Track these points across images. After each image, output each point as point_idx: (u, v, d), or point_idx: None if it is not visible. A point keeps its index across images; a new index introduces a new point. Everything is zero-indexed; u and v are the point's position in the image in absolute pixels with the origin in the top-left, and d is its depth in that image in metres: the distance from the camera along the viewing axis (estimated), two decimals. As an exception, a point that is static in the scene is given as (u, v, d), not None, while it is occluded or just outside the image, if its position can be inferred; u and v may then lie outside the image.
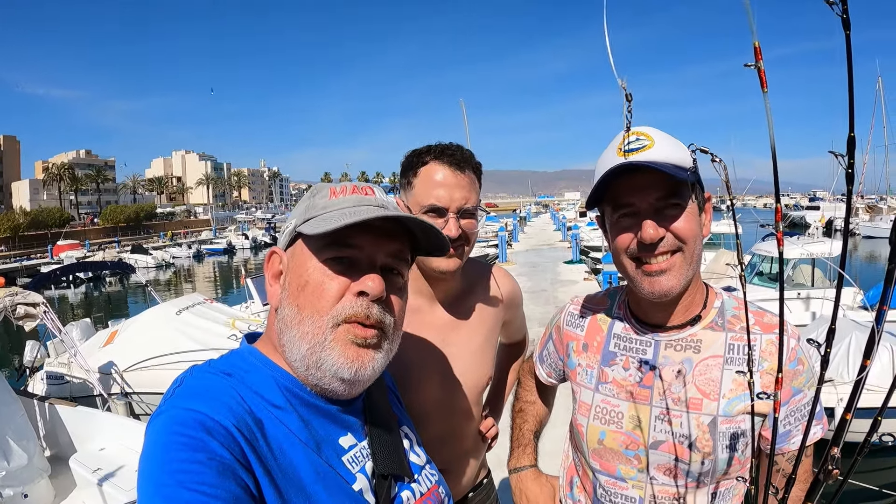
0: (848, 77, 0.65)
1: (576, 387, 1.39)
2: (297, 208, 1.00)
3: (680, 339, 1.25)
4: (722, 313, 1.26)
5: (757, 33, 0.71)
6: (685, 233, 1.14)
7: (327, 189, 0.98)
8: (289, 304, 0.92)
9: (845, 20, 0.64)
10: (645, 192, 1.14)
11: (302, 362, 0.91)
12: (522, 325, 2.13)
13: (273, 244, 1.28)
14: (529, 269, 19.44)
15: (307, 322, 0.90)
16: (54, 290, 31.64)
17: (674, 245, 1.14)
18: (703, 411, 1.20)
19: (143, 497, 0.74)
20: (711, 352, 1.22)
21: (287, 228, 0.98)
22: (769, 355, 1.19)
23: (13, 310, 6.02)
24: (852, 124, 0.67)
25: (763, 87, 0.73)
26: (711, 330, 1.25)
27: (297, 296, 0.91)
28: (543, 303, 13.15)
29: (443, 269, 1.54)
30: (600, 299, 1.46)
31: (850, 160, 0.68)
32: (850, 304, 10.30)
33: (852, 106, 0.66)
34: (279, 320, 0.94)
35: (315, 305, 0.90)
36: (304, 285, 0.91)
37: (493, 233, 27.75)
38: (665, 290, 1.16)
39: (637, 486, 1.27)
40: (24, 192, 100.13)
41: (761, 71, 0.73)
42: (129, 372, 8.12)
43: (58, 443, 5.62)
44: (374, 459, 0.97)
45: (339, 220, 0.88)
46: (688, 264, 1.16)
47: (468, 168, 1.56)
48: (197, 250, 50.74)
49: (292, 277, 0.94)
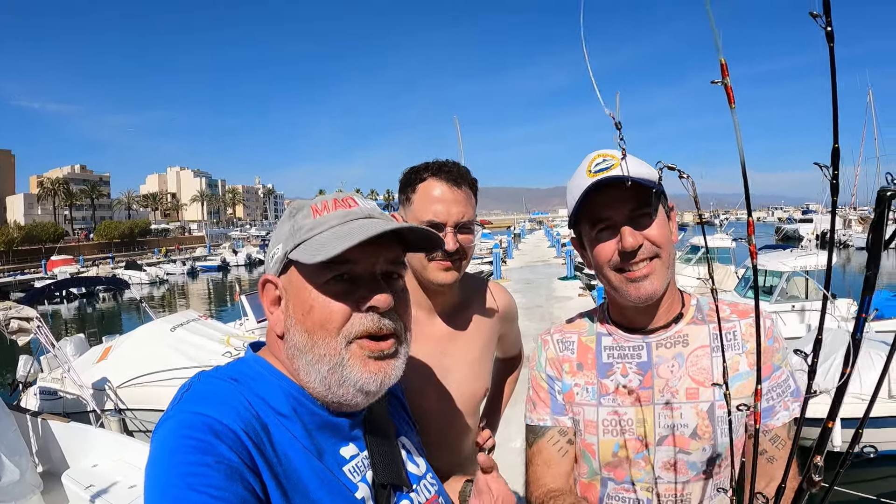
0: (832, 90, 0.66)
1: (577, 408, 1.39)
2: (280, 231, 0.98)
3: (668, 337, 1.34)
4: (700, 309, 1.37)
5: (723, 51, 0.73)
6: (660, 239, 1.24)
7: (308, 208, 0.97)
8: (298, 330, 0.92)
9: (829, 32, 0.64)
10: (619, 205, 1.23)
11: (323, 383, 0.91)
12: (518, 340, 2.15)
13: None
14: (524, 286, 19.47)
15: (321, 345, 0.91)
16: (48, 306, 31.43)
17: (652, 251, 1.24)
18: (700, 399, 1.28)
19: (151, 499, 0.75)
20: (699, 343, 1.32)
21: (276, 255, 0.96)
22: (750, 336, 1.31)
23: (6, 324, 6.00)
24: (836, 135, 0.67)
25: (731, 104, 0.75)
26: (695, 324, 1.35)
27: (303, 321, 0.91)
28: (539, 319, 13.14)
29: (440, 282, 1.57)
30: (578, 322, 1.49)
31: (835, 171, 0.69)
32: (845, 315, 10.34)
33: (836, 118, 0.67)
34: (289, 346, 0.94)
35: (325, 328, 0.90)
36: (310, 310, 0.91)
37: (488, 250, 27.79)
38: (649, 294, 1.25)
39: (645, 488, 1.30)
40: (19, 206, 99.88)
41: (728, 87, 0.75)
42: (123, 388, 8.03)
43: (50, 459, 5.57)
44: (374, 469, 0.99)
45: (335, 244, 0.87)
46: (665, 267, 1.26)
47: (464, 184, 1.61)
48: (191, 267, 50.55)
49: (295, 303, 0.93)
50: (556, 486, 1.37)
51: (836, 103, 0.66)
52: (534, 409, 1.45)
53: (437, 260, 1.55)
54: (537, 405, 1.44)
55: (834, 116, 0.67)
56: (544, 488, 1.37)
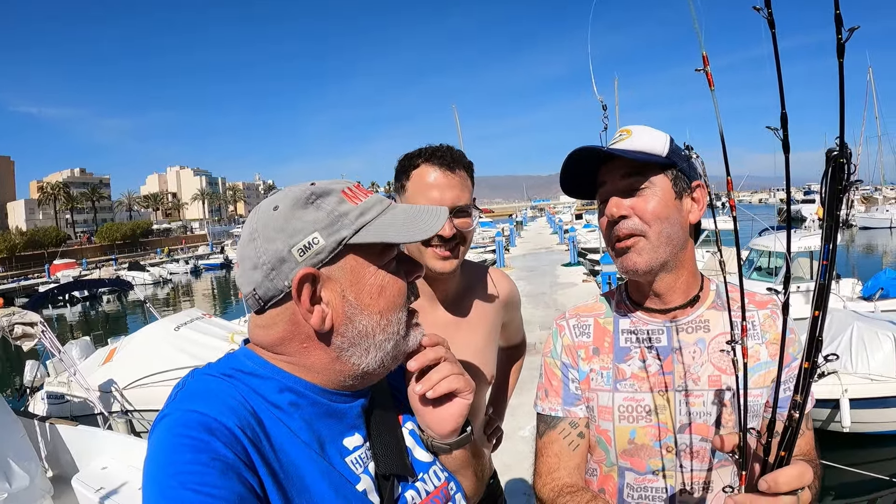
0: (776, 64, 0.79)
1: (591, 394, 1.36)
2: (304, 221, 0.88)
3: (689, 321, 1.31)
4: (720, 295, 1.35)
5: (704, 45, 0.89)
6: (647, 214, 1.23)
7: (336, 194, 0.91)
8: (366, 315, 0.91)
9: (770, 21, 0.79)
10: (613, 173, 1.27)
11: (381, 363, 0.94)
12: (520, 328, 2.14)
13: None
14: (528, 273, 19.48)
15: (393, 322, 0.94)
16: (52, 310, 31.55)
17: (637, 225, 1.23)
18: (723, 386, 1.26)
19: (148, 499, 0.74)
20: (720, 329, 1.29)
21: (316, 245, 0.87)
22: (769, 327, 1.30)
23: (11, 330, 6.00)
24: (783, 101, 0.80)
25: (710, 86, 0.91)
26: (715, 310, 1.32)
27: (375, 303, 0.91)
28: (544, 306, 13.16)
29: (439, 270, 1.56)
30: (594, 305, 1.46)
31: (785, 132, 0.82)
32: (850, 295, 10.34)
33: (781, 87, 0.79)
34: (347, 337, 0.90)
35: (396, 304, 0.94)
36: (381, 291, 0.92)
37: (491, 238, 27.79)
38: (632, 266, 1.25)
39: (667, 476, 1.27)
40: (20, 211, 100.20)
41: (709, 74, 0.90)
42: (130, 389, 8.07)
43: (59, 463, 5.59)
44: (375, 460, 0.97)
45: (425, 223, 0.93)
46: (653, 245, 1.23)
47: (459, 167, 1.59)
48: (194, 266, 50.73)
49: (359, 289, 0.90)
50: (572, 480, 1.33)
51: (780, 75, 0.79)
52: (545, 398, 1.41)
53: (433, 247, 1.53)
54: (549, 394, 1.41)
55: (780, 87, 0.80)
56: (559, 482, 1.33)
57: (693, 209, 1.28)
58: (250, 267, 0.89)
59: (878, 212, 42.04)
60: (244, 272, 0.90)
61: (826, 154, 0.77)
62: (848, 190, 0.77)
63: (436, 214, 0.96)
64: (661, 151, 1.23)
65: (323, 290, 0.89)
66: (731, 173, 0.93)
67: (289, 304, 0.89)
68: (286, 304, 0.89)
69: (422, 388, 1.00)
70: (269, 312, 0.91)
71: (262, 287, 0.88)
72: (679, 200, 1.26)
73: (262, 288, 0.88)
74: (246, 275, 0.90)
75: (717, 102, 0.92)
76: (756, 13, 0.79)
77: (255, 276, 0.88)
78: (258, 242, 0.88)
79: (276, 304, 0.89)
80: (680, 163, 1.25)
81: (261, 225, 0.89)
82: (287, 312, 0.89)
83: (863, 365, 6.50)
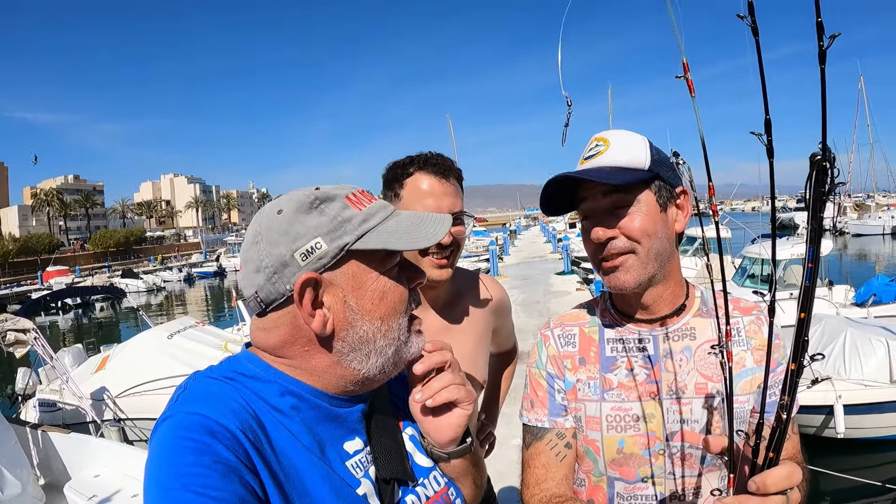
0: (759, 70, 0.81)
1: (578, 405, 1.34)
2: (306, 226, 0.88)
3: (675, 329, 1.30)
4: (705, 302, 1.34)
5: (685, 52, 0.91)
6: (636, 232, 1.19)
7: (340, 199, 0.91)
8: (367, 321, 0.91)
9: (754, 28, 0.80)
10: (594, 194, 1.23)
11: (381, 368, 0.94)
12: (512, 334, 2.15)
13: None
14: (522, 282, 19.49)
15: (394, 328, 0.93)
16: (45, 317, 31.38)
17: (626, 245, 1.20)
18: (710, 393, 1.25)
19: (149, 500, 0.74)
20: (706, 337, 1.28)
21: (319, 250, 0.87)
22: (754, 333, 1.30)
23: (3, 336, 5.98)
24: (766, 107, 0.81)
25: (691, 93, 0.94)
26: (700, 317, 1.31)
27: (376, 309, 0.92)
28: (537, 315, 13.15)
29: (436, 278, 1.56)
30: (578, 313, 1.44)
31: (769, 138, 0.83)
32: (843, 302, 10.38)
33: (765, 93, 0.81)
34: (347, 342, 0.91)
35: (398, 310, 0.94)
36: (383, 297, 0.92)
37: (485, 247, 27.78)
38: (620, 285, 1.22)
39: (657, 483, 1.27)
40: (13, 218, 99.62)
41: (689, 80, 0.94)
42: (122, 397, 8.03)
43: (52, 471, 5.55)
44: (376, 464, 0.97)
45: (428, 230, 0.93)
46: (643, 261, 1.21)
47: (452, 175, 1.61)
48: (188, 273, 50.43)
49: (360, 294, 0.90)
50: (560, 491, 1.32)
51: (763, 81, 0.81)
52: (531, 409, 1.40)
53: (430, 255, 1.54)
54: (535, 404, 1.39)
55: (763, 93, 0.82)
56: (548, 492, 1.32)
57: (679, 217, 1.26)
58: (253, 269, 0.89)
59: (871, 219, 42.27)
60: (247, 274, 0.91)
61: (809, 158, 0.77)
62: (832, 192, 0.77)
63: (439, 222, 0.96)
64: (644, 164, 1.20)
65: (325, 295, 0.89)
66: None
67: (290, 308, 0.89)
68: (288, 308, 0.89)
69: (422, 397, 1.00)
70: (270, 315, 0.91)
71: (264, 290, 0.88)
72: (664, 212, 1.23)
73: (264, 291, 0.88)
74: (249, 277, 0.90)
75: (699, 110, 0.95)
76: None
77: (258, 279, 0.88)
78: (261, 246, 0.88)
79: (278, 307, 0.90)
80: (663, 172, 1.23)
81: (264, 228, 0.89)
82: (289, 316, 0.90)
83: (856, 371, 6.52)
